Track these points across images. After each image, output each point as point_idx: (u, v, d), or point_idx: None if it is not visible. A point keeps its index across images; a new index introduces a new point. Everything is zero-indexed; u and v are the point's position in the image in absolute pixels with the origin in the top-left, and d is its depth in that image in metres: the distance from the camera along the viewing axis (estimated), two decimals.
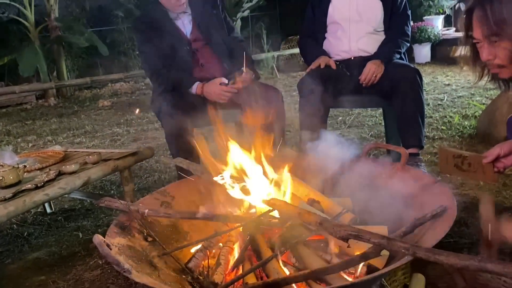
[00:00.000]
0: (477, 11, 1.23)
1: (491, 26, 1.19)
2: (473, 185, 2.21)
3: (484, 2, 1.21)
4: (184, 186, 1.56)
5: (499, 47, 1.21)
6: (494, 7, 1.18)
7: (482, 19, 1.21)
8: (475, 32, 1.26)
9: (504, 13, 1.17)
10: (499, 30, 1.18)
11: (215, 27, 2.43)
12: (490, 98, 3.92)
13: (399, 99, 2.19)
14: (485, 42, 1.24)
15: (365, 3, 2.48)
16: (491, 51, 1.24)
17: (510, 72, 1.27)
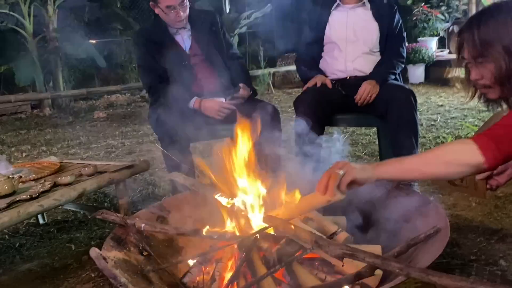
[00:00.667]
0: (466, 32, 1.29)
1: (476, 47, 1.24)
2: (465, 205, 2.24)
3: (472, 25, 1.26)
4: (180, 200, 1.56)
5: (485, 68, 1.26)
6: (480, 30, 1.23)
7: (470, 41, 1.26)
8: (465, 53, 1.31)
9: (489, 35, 1.22)
10: (483, 51, 1.23)
11: (213, 43, 2.47)
12: (482, 120, 3.98)
13: (394, 120, 2.23)
14: (472, 62, 1.30)
15: (362, 24, 2.54)
16: (478, 72, 1.29)
17: (496, 93, 1.31)
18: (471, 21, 1.29)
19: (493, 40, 1.21)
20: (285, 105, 5.88)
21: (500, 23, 1.21)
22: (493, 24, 1.22)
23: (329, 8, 2.60)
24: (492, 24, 1.22)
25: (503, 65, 1.20)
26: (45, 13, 7.03)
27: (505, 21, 1.21)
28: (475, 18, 1.28)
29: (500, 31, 1.20)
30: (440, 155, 1.18)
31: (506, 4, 1.30)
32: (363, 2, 2.53)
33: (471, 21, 1.29)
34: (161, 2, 2.27)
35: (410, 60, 6.74)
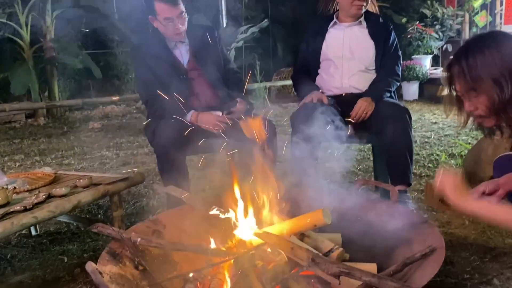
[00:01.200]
0: (456, 67, 1.33)
1: (468, 82, 1.28)
2: (458, 224, 2.25)
3: (461, 59, 1.30)
4: (176, 215, 1.56)
5: (478, 100, 1.30)
6: (470, 64, 1.27)
7: (460, 75, 1.31)
8: (456, 86, 1.35)
9: (478, 69, 1.26)
10: (475, 85, 1.27)
11: (211, 57, 2.49)
12: (475, 138, 4.02)
13: (389, 137, 2.25)
14: (465, 95, 1.33)
15: (358, 42, 2.57)
16: (471, 104, 1.33)
17: (492, 122, 1.35)
18: (459, 55, 1.32)
19: (483, 73, 1.25)
20: (281, 119, 5.90)
21: (487, 56, 1.25)
22: (481, 57, 1.26)
23: (326, 26, 2.64)
24: (480, 58, 1.26)
25: (496, 97, 1.24)
26: (42, 23, 7.05)
27: (491, 53, 1.25)
28: (462, 52, 1.32)
29: (488, 65, 1.24)
30: None
31: (489, 36, 1.34)
32: (359, 21, 2.58)
33: (459, 55, 1.32)
34: (159, 14, 2.29)
35: (405, 77, 6.82)
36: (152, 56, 2.37)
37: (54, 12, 7.15)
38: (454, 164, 3.27)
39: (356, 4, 2.48)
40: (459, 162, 3.28)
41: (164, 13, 2.25)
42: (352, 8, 2.51)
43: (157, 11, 2.26)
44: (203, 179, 3.36)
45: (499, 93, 1.23)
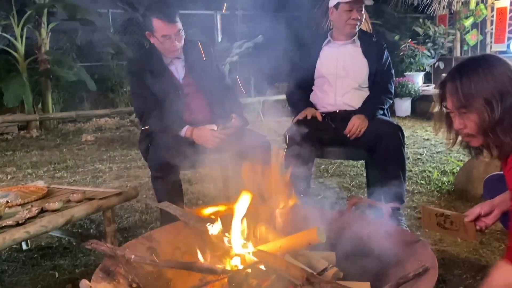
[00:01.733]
0: (449, 84, 1.36)
1: (460, 99, 1.31)
2: (451, 241, 2.27)
3: (455, 77, 1.34)
4: (170, 231, 1.56)
5: (468, 118, 1.33)
6: (463, 82, 1.31)
7: (453, 92, 1.34)
8: (448, 104, 1.38)
9: (472, 88, 1.29)
10: (467, 104, 1.30)
11: (207, 73, 2.50)
12: (467, 155, 4.06)
13: (382, 155, 2.27)
14: (456, 113, 1.36)
15: (352, 60, 2.61)
16: (461, 122, 1.36)
17: (479, 141, 1.38)
18: (453, 73, 1.36)
19: (476, 93, 1.28)
20: (275, 134, 5.93)
21: (481, 77, 1.28)
22: (474, 77, 1.30)
23: (320, 44, 2.68)
24: (473, 78, 1.29)
25: (486, 117, 1.27)
26: (37, 35, 7.07)
27: (484, 74, 1.29)
28: (457, 71, 1.35)
29: (482, 85, 1.28)
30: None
31: (483, 58, 1.39)
32: (353, 40, 2.62)
33: (453, 73, 1.36)
34: (157, 31, 2.30)
35: (397, 93, 6.90)
36: (148, 72, 2.38)
37: (49, 25, 7.18)
38: (446, 182, 3.30)
39: (350, 23, 2.53)
40: (451, 179, 3.31)
41: (162, 30, 2.27)
42: (346, 27, 2.55)
43: (154, 28, 2.28)
44: (197, 193, 3.35)
45: (489, 113, 1.27)
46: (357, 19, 2.52)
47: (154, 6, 2.34)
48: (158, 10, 2.29)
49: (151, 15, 2.29)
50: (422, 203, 2.91)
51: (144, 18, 2.36)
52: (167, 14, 2.27)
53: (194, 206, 3.03)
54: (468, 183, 2.94)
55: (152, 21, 2.29)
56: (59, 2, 6.84)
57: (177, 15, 2.32)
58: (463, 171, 3.09)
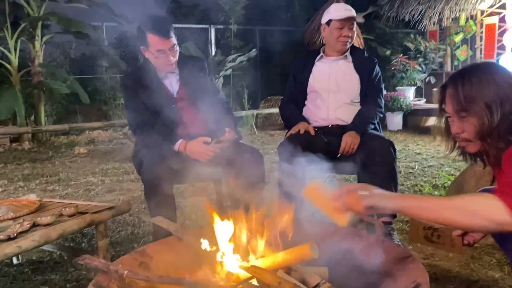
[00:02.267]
0: (450, 88, 1.37)
1: (460, 103, 1.32)
2: (442, 256, 2.28)
3: (457, 80, 1.35)
4: (163, 246, 1.56)
5: (467, 122, 1.33)
6: (465, 86, 1.32)
7: (453, 95, 1.34)
8: (447, 107, 1.39)
9: (473, 92, 1.30)
10: (467, 107, 1.31)
11: (201, 88, 2.52)
12: (458, 169, 4.10)
13: (374, 170, 2.29)
14: (455, 116, 1.37)
15: (344, 76, 2.65)
16: (459, 125, 1.36)
17: (476, 147, 1.37)
18: (454, 77, 1.37)
19: (476, 97, 1.29)
20: (268, 147, 5.96)
21: (482, 81, 1.30)
22: (476, 82, 1.31)
23: (313, 59, 2.72)
24: (475, 82, 1.31)
25: (485, 121, 1.28)
26: (31, 48, 7.07)
27: (486, 79, 1.30)
28: (459, 75, 1.37)
29: (483, 89, 1.29)
30: (466, 203, 1.17)
31: (484, 65, 1.41)
32: (345, 55, 2.66)
33: (454, 77, 1.37)
34: (152, 46, 2.31)
35: (389, 108, 6.98)
36: (142, 86, 2.39)
37: (43, 37, 7.19)
38: (437, 195, 3.32)
39: (341, 40, 2.57)
40: (442, 193, 3.34)
41: (157, 45, 2.28)
42: (337, 44, 2.59)
43: (149, 42, 2.29)
44: (190, 207, 3.35)
45: (489, 117, 1.27)
46: (348, 36, 2.57)
47: (149, 21, 2.35)
48: (153, 25, 2.31)
49: (146, 30, 2.31)
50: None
51: (139, 33, 2.36)
52: (162, 29, 2.29)
53: (187, 220, 3.03)
54: None
55: (146, 36, 2.30)
56: (54, 15, 6.87)
57: (172, 30, 2.34)
58: (454, 185, 3.12)
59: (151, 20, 2.36)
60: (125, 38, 8.54)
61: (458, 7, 7.07)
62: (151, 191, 2.24)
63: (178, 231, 1.55)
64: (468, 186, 2.92)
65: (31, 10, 7.04)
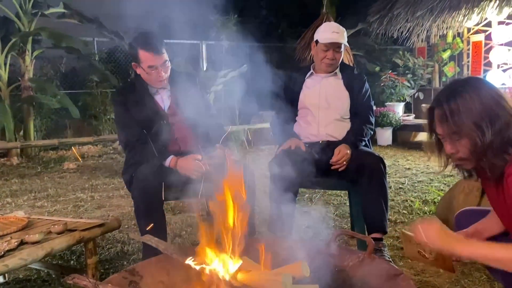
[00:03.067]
0: (437, 110, 1.36)
1: (450, 126, 1.32)
2: (433, 272, 2.28)
3: (442, 103, 1.34)
4: (153, 265, 1.54)
5: (460, 143, 1.33)
6: (452, 108, 1.31)
7: (442, 118, 1.34)
8: (438, 129, 1.38)
9: (461, 114, 1.29)
10: (457, 130, 1.31)
11: (192, 103, 2.52)
12: (447, 184, 4.14)
13: (364, 186, 2.31)
14: (447, 138, 1.36)
15: (334, 92, 2.68)
16: (453, 146, 1.36)
17: (472, 164, 1.38)
18: (440, 98, 1.36)
19: (465, 118, 1.29)
20: (259, 162, 5.95)
21: (468, 101, 1.29)
22: (462, 102, 1.30)
23: (303, 76, 2.75)
24: (461, 103, 1.30)
25: (478, 142, 1.28)
26: (21, 62, 7.05)
27: (472, 98, 1.30)
28: (444, 96, 1.35)
29: (470, 109, 1.29)
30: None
31: (467, 82, 1.38)
32: (335, 72, 2.69)
33: (440, 98, 1.36)
34: (143, 62, 2.32)
35: (379, 123, 7.05)
36: (133, 101, 2.39)
37: (34, 52, 7.18)
38: (428, 211, 3.34)
39: (325, 62, 2.62)
40: (432, 209, 3.36)
41: (148, 61, 2.29)
42: (322, 64, 2.64)
43: (141, 59, 2.30)
44: (180, 223, 3.32)
45: (481, 137, 1.28)
46: (333, 59, 2.60)
47: (140, 37, 2.37)
48: (145, 41, 2.32)
49: (137, 46, 2.32)
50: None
51: (131, 49, 2.37)
52: (154, 45, 2.30)
53: (177, 237, 3.00)
54: (449, 213, 2.98)
55: (138, 52, 2.31)
56: (45, 30, 6.87)
57: (163, 46, 2.35)
58: (443, 201, 3.15)
59: (143, 36, 2.37)
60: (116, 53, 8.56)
61: (445, 25, 7.21)
62: (141, 208, 2.22)
63: (168, 249, 1.54)
64: (457, 201, 2.94)
65: (22, 25, 7.04)
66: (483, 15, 6.63)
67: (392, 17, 7.24)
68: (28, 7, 7.09)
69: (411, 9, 6.89)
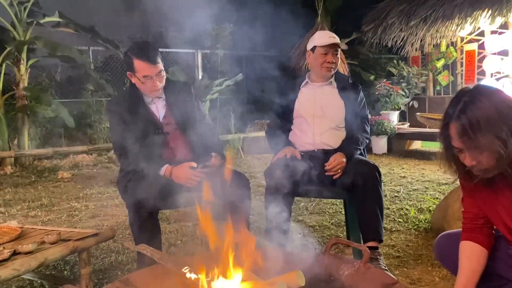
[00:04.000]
0: (454, 124, 1.32)
1: (471, 140, 1.29)
2: (429, 280, 2.28)
3: (460, 116, 1.30)
4: (148, 275, 1.53)
5: (482, 155, 1.31)
6: (471, 121, 1.28)
7: (461, 133, 1.30)
8: (456, 143, 1.34)
9: (482, 127, 1.27)
10: (479, 143, 1.28)
11: (187, 113, 2.53)
12: (443, 193, 4.15)
13: (359, 195, 2.31)
14: (467, 151, 1.33)
15: (329, 101, 2.69)
16: (474, 158, 1.33)
17: (494, 173, 1.35)
18: (452, 112, 1.32)
19: (485, 130, 1.26)
20: (254, 170, 5.96)
21: (485, 112, 1.27)
22: (479, 114, 1.27)
23: (298, 85, 2.76)
24: (479, 115, 1.27)
25: (502, 153, 1.26)
26: (16, 71, 7.04)
27: (488, 109, 1.27)
28: (457, 109, 1.31)
29: (489, 121, 1.26)
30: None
31: (478, 91, 1.34)
32: (330, 81, 2.71)
33: (452, 112, 1.32)
34: (138, 72, 2.31)
35: (374, 132, 7.08)
36: (128, 111, 2.39)
37: (29, 61, 7.17)
38: (423, 220, 3.35)
39: (325, 66, 2.63)
40: (427, 217, 3.36)
41: (143, 71, 2.29)
42: (321, 70, 2.64)
43: (136, 68, 2.30)
44: (175, 233, 3.31)
45: (504, 149, 1.26)
46: (332, 62, 2.62)
47: (136, 46, 2.37)
48: (140, 51, 2.32)
49: (132, 56, 2.31)
50: (400, 241, 2.93)
51: (126, 58, 2.37)
52: (149, 55, 2.30)
53: (172, 246, 2.98)
54: (444, 222, 2.99)
55: (133, 61, 2.31)
56: (40, 39, 6.87)
57: (159, 56, 2.35)
58: (439, 209, 3.15)
59: (138, 45, 2.37)
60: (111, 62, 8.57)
61: (438, 34, 7.29)
62: (136, 217, 2.21)
63: (163, 259, 1.53)
64: (452, 210, 2.95)
65: (17, 34, 7.04)
66: (476, 24, 6.70)
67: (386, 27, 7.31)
68: (24, 16, 7.09)
69: (405, 19, 6.96)
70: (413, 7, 6.91)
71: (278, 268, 1.43)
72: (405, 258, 2.63)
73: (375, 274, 1.36)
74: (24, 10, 7.11)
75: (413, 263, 2.54)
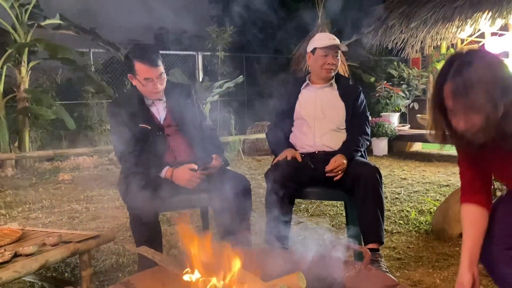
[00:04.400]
0: (449, 84, 1.32)
1: (467, 99, 1.29)
2: (430, 282, 2.28)
3: (455, 76, 1.30)
4: (148, 277, 1.53)
5: (475, 117, 1.31)
6: (466, 81, 1.28)
7: (457, 92, 1.31)
8: (450, 104, 1.34)
9: (476, 86, 1.27)
10: (473, 103, 1.29)
11: (188, 114, 2.53)
12: (443, 194, 4.15)
13: (360, 196, 2.31)
14: (460, 113, 1.33)
15: (329, 103, 2.69)
16: (467, 121, 1.33)
17: (485, 137, 1.35)
18: (446, 73, 1.32)
19: (479, 91, 1.27)
20: (255, 172, 5.96)
21: (479, 74, 1.28)
22: (474, 75, 1.28)
23: (299, 87, 2.77)
24: (474, 73, 1.28)
25: (491, 114, 1.28)
26: (17, 73, 7.05)
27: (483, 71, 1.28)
28: (455, 71, 1.31)
29: (483, 82, 1.27)
30: None
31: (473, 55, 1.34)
32: (330, 83, 2.71)
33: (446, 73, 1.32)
34: (139, 74, 2.32)
35: (374, 133, 7.08)
36: (129, 113, 2.39)
37: (30, 63, 7.19)
38: (424, 221, 3.34)
39: (326, 67, 2.63)
40: (428, 219, 3.36)
41: (144, 73, 2.30)
42: (322, 71, 2.65)
43: (136, 70, 2.31)
44: (176, 235, 3.31)
45: (494, 110, 1.27)
46: (333, 64, 2.63)
47: (137, 49, 2.37)
48: (141, 53, 2.32)
49: (133, 58, 2.32)
50: (401, 243, 2.93)
51: (127, 60, 2.38)
52: (150, 57, 2.31)
53: (173, 248, 2.98)
54: (445, 223, 2.99)
55: (134, 64, 2.31)
56: (41, 42, 6.89)
57: (159, 58, 2.36)
58: (439, 211, 3.15)
59: (139, 48, 2.38)
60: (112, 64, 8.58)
61: (439, 36, 7.28)
62: (137, 219, 2.21)
63: (163, 261, 1.53)
64: (452, 211, 2.95)
65: (18, 36, 7.05)
66: (476, 26, 6.70)
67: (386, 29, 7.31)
68: (24, 18, 7.11)
69: (405, 21, 6.96)
70: (413, 9, 6.91)
71: (279, 270, 1.43)
72: (406, 260, 2.63)
73: (376, 276, 1.36)
74: (25, 12, 7.13)
75: (414, 265, 2.54)
